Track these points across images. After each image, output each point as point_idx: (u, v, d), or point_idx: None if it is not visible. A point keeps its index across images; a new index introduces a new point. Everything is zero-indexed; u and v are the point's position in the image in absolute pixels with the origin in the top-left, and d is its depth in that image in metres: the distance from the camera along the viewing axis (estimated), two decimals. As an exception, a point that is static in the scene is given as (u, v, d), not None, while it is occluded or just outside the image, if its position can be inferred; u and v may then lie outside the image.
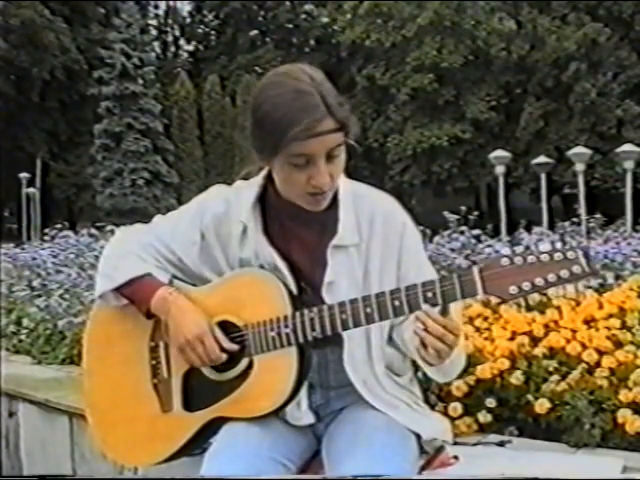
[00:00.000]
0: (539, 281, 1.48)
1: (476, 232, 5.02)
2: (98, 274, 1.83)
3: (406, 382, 1.79)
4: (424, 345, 1.55)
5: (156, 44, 39.29)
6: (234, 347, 1.68)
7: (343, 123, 1.59)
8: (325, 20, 36.82)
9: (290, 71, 1.62)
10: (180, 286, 1.76)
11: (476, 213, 6.36)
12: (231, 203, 1.77)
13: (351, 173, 1.78)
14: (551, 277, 1.48)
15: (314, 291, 1.70)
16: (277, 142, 1.56)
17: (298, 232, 1.73)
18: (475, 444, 2.22)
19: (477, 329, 2.64)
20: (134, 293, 1.75)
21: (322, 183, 1.60)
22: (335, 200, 1.71)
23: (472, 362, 2.42)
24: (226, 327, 1.70)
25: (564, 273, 1.47)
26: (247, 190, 1.76)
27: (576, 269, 1.47)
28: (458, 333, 1.56)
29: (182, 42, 41.86)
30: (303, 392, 1.70)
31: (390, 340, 1.76)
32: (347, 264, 1.69)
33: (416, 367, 1.83)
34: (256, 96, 1.63)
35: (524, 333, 2.54)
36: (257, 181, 1.76)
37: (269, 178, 1.73)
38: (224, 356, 1.68)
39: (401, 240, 1.71)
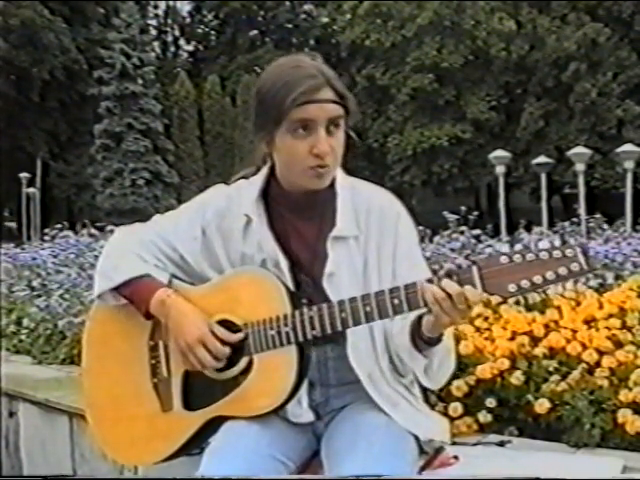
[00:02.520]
0: (538, 279, 1.48)
1: (476, 232, 5.02)
2: (97, 273, 1.83)
3: (408, 383, 1.79)
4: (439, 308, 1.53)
5: (156, 44, 39.29)
6: (237, 337, 1.67)
7: (342, 96, 1.67)
8: (325, 20, 36.84)
9: (291, 56, 1.74)
10: (179, 286, 1.77)
11: (476, 213, 6.36)
12: (232, 199, 1.79)
13: (351, 173, 1.80)
14: (550, 275, 1.48)
15: (315, 283, 1.71)
16: (279, 109, 1.63)
17: (298, 225, 1.75)
18: (475, 444, 2.22)
19: (477, 329, 2.64)
20: (133, 294, 1.75)
21: (323, 151, 1.64)
22: (334, 193, 1.73)
23: (472, 362, 2.43)
24: (225, 326, 1.70)
25: (563, 271, 1.47)
26: (249, 186, 1.79)
27: (574, 267, 1.47)
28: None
29: (182, 42, 41.89)
30: (303, 390, 1.71)
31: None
32: (347, 255, 1.71)
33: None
34: (259, 80, 1.73)
35: (524, 333, 2.54)
36: (260, 177, 1.78)
37: (271, 174, 1.76)
38: (227, 351, 1.68)
39: (396, 232, 1.73)
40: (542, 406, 2.29)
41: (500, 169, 17.10)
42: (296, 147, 1.65)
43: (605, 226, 6.10)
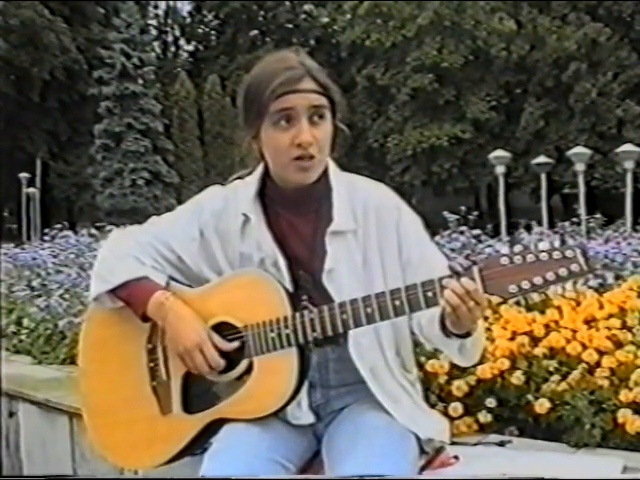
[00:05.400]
0: (538, 280, 1.49)
1: (476, 232, 5.03)
2: (93, 275, 1.83)
3: (412, 379, 1.79)
4: (454, 310, 1.52)
5: (156, 44, 39.26)
6: (233, 346, 1.67)
7: (324, 86, 1.67)
8: (325, 20, 36.82)
9: (275, 52, 1.75)
10: (177, 288, 1.76)
11: (476, 213, 6.38)
12: (229, 199, 1.79)
13: (351, 173, 1.80)
14: (550, 276, 1.48)
15: (314, 280, 1.71)
16: (260, 102, 1.64)
17: (295, 222, 1.74)
18: (475, 444, 2.22)
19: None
20: (130, 296, 1.74)
21: (306, 141, 1.64)
22: (329, 189, 1.73)
23: (472, 362, 2.42)
24: (225, 328, 1.70)
25: (563, 272, 1.48)
26: (245, 186, 1.78)
27: (574, 267, 1.48)
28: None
29: (182, 42, 41.87)
30: (304, 391, 1.70)
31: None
32: (346, 250, 1.70)
33: (418, 366, 1.84)
34: (245, 78, 1.74)
35: (524, 333, 2.54)
36: (255, 176, 1.78)
37: (266, 173, 1.76)
38: (223, 363, 1.68)
39: (397, 226, 1.72)
40: (542, 406, 2.29)
41: (500, 169, 17.11)
42: (279, 139, 1.65)
43: (605, 226, 6.11)
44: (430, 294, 1.54)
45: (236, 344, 1.67)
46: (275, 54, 1.73)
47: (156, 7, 41.24)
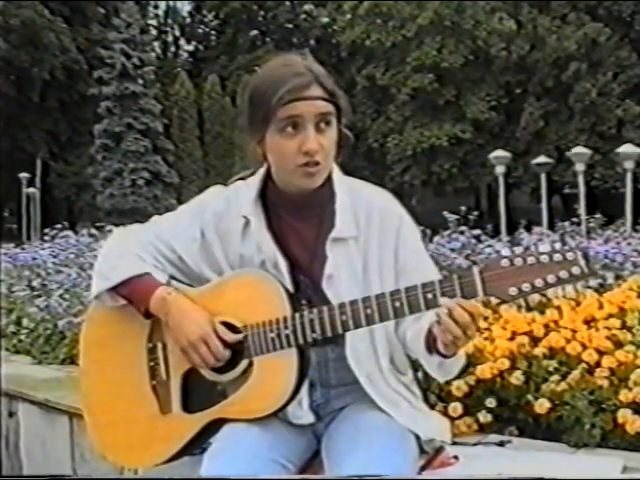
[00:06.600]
0: (539, 282, 1.48)
1: (476, 232, 5.01)
2: (95, 274, 1.82)
3: (408, 382, 1.79)
4: (444, 332, 1.53)
5: (156, 44, 39.29)
6: (238, 337, 1.67)
7: (331, 93, 1.67)
8: (325, 20, 36.85)
9: (281, 55, 1.74)
10: (178, 287, 1.76)
11: (476, 213, 6.36)
12: (231, 200, 1.78)
13: (351, 173, 1.80)
14: (550, 278, 1.48)
15: (314, 284, 1.71)
16: (267, 109, 1.63)
17: (297, 227, 1.74)
18: (475, 444, 2.22)
19: (477, 329, 2.63)
20: (132, 293, 1.74)
21: (312, 149, 1.63)
22: (332, 194, 1.73)
23: (472, 362, 2.42)
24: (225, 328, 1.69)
25: (563, 274, 1.48)
26: (247, 187, 1.78)
27: (575, 270, 1.47)
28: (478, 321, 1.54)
29: (182, 42, 41.91)
30: (304, 391, 1.70)
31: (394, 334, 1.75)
32: (346, 257, 1.70)
33: (415, 367, 1.84)
34: (250, 81, 1.73)
35: (524, 333, 2.54)
36: (257, 178, 1.78)
37: (268, 175, 1.76)
38: (227, 354, 1.67)
39: (398, 233, 1.72)
40: (542, 406, 2.29)
41: (500, 169, 17.12)
42: (285, 146, 1.65)
43: (605, 226, 6.11)
44: (430, 296, 1.54)
45: (240, 336, 1.67)
46: (281, 58, 1.72)
47: (156, 7, 41.28)
